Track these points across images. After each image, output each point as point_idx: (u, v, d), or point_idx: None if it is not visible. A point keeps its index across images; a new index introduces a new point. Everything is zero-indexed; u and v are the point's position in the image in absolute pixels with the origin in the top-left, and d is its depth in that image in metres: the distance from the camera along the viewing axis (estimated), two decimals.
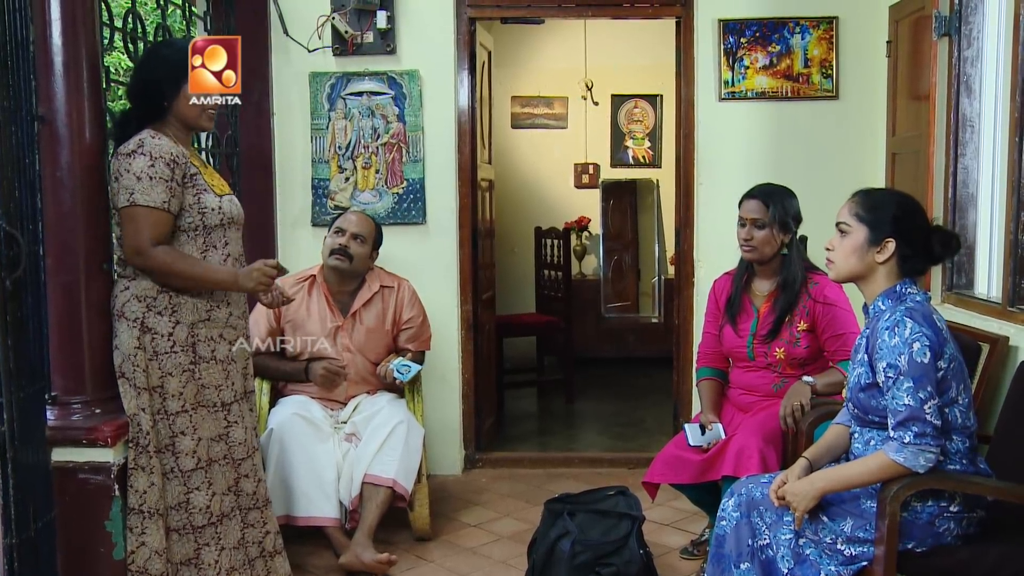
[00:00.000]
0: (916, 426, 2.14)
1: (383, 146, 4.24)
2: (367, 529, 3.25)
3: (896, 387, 2.17)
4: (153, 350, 2.51)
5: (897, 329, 2.19)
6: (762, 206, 3.07)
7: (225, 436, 2.65)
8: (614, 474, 4.25)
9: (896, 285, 2.30)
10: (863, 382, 2.30)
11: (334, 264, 3.54)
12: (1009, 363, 2.84)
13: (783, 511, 2.35)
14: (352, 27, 4.15)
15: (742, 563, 2.38)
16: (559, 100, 7.45)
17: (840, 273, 2.36)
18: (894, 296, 2.29)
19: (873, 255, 2.29)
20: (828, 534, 2.30)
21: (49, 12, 2.38)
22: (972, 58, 3.34)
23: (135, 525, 2.47)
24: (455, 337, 4.32)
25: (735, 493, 2.47)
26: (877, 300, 2.31)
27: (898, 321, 2.20)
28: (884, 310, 2.28)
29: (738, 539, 2.40)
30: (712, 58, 4.22)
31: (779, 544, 2.35)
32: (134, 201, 2.45)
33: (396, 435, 3.37)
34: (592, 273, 7.25)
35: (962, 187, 3.37)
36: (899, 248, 2.27)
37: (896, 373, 2.17)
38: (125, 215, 2.48)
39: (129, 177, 2.46)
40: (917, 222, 2.31)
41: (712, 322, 3.30)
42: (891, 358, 2.18)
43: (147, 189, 2.46)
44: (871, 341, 2.27)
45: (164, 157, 2.49)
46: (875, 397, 2.27)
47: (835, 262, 2.36)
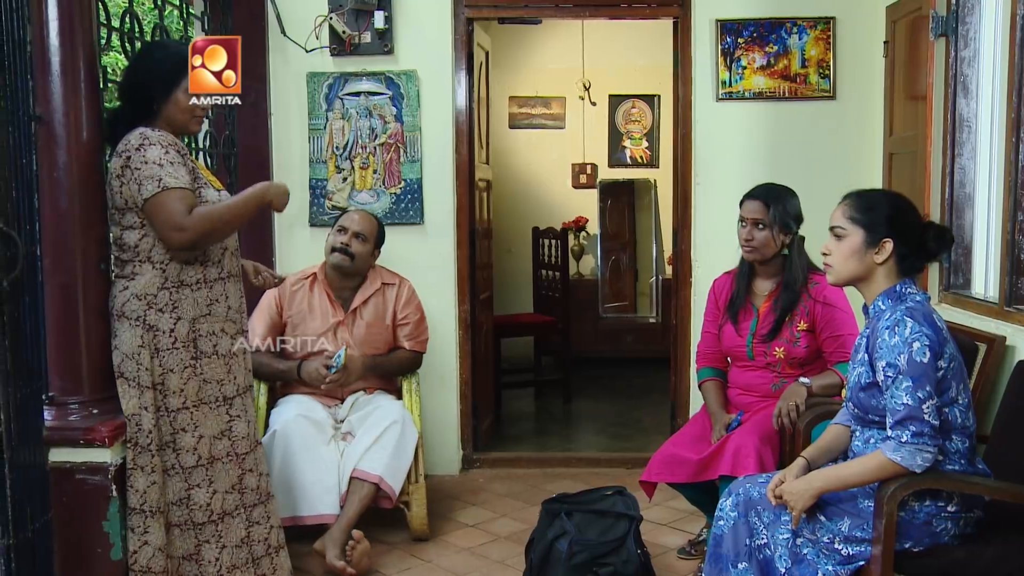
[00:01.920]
0: (914, 425, 2.14)
1: (381, 146, 4.24)
2: (344, 523, 3.24)
3: (895, 386, 2.17)
4: (155, 347, 2.51)
5: (897, 328, 2.19)
6: (763, 207, 3.07)
7: (228, 431, 2.64)
8: (611, 474, 4.25)
9: (896, 285, 2.30)
10: (863, 381, 2.31)
11: (336, 262, 3.55)
12: (1006, 363, 2.84)
13: (780, 511, 2.36)
14: (350, 27, 4.15)
15: (740, 563, 2.39)
16: (557, 100, 7.45)
17: (840, 277, 2.36)
18: (894, 296, 2.29)
19: (872, 256, 2.29)
20: (826, 534, 2.30)
21: (46, 12, 2.38)
22: (969, 58, 3.34)
23: (137, 525, 2.47)
24: (453, 337, 4.32)
25: (732, 493, 2.47)
26: (877, 300, 2.31)
27: (898, 320, 2.20)
28: (884, 310, 2.28)
29: (736, 539, 2.40)
30: (709, 58, 4.23)
31: (777, 544, 2.35)
32: (165, 185, 2.44)
33: (389, 434, 3.37)
34: (590, 273, 7.25)
35: (959, 187, 3.37)
36: (896, 247, 2.28)
37: (895, 372, 2.17)
38: (157, 202, 2.44)
39: (151, 167, 2.45)
40: (911, 219, 2.32)
41: (711, 322, 3.30)
42: (891, 357, 2.19)
43: (172, 172, 2.46)
44: (871, 340, 2.28)
45: (173, 145, 2.51)
46: (875, 396, 2.27)
47: (834, 266, 2.35)
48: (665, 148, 7.13)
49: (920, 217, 2.37)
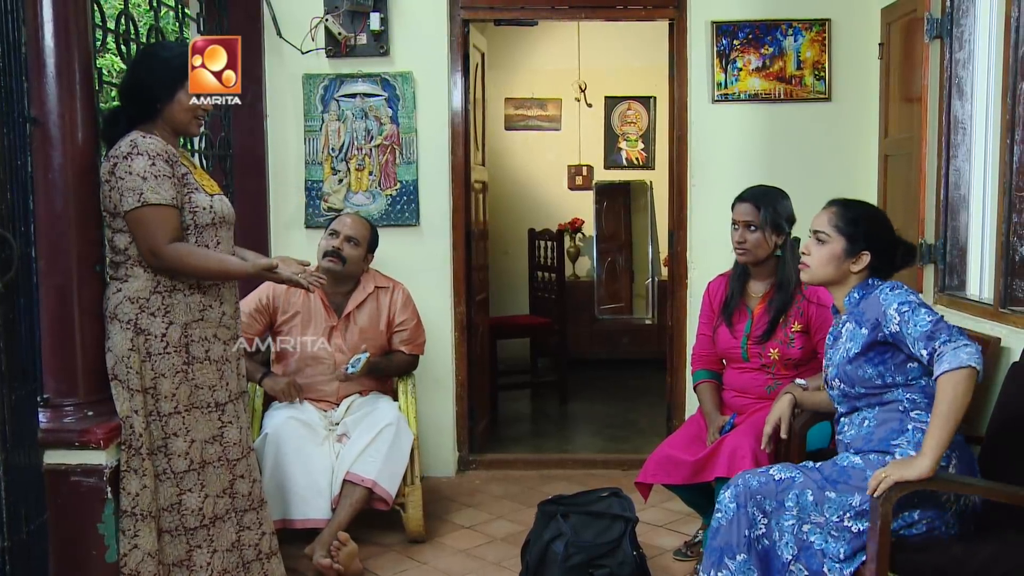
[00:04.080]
0: (945, 332, 2.25)
1: (376, 148, 4.24)
2: (335, 526, 3.23)
3: (914, 315, 2.30)
4: (147, 351, 2.50)
5: (894, 289, 2.39)
6: (753, 209, 3.07)
7: (219, 437, 2.64)
8: (608, 476, 4.25)
9: (868, 280, 2.49)
10: (850, 355, 2.42)
11: (327, 266, 3.54)
12: (1001, 364, 2.85)
13: (783, 498, 2.36)
14: (345, 29, 4.15)
15: (738, 555, 2.39)
16: (553, 102, 7.46)
17: (815, 278, 2.54)
18: (866, 287, 2.48)
19: (848, 264, 2.48)
20: (836, 511, 2.31)
21: (41, 14, 2.38)
22: (964, 60, 3.35)
23: (127, 528, 2.47)
24: (449, 339, 4.32)
25: (731, 485, 2.47)
26: (852, 292, 2.49)
27: (893, 285, 2.41)
28: (859, 297, 2.47)
29: (735, 530, 2.40)
30: (705, 60, 4.23)
31: (782, 531, 2.35)
32: (145, 201, 2.43)
33: (383, 437, 3.37)
34: (585, 275, 7.26)
35: (954, 189, 3.38)
36: (871, 259, 2.46)
37: (911, 307, 2.32)
38: (135, 217, 2.45)
39: (133, 178, 2.44)
40: (889, 236, 2.51)
41: (706, 324, 3.30)
42: (902, 299, 2.34)
43: (155, 187, 2.45)
44: (866, 315, 2.39)
45: (161, 155, 2.48)
46: (861, 367, 2.39)
47: (811, 267, 2.53)
48: (661, 150, 7.13)
49: (894, 233, 2.54)
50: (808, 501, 2.33)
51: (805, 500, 2.34)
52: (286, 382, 3.52)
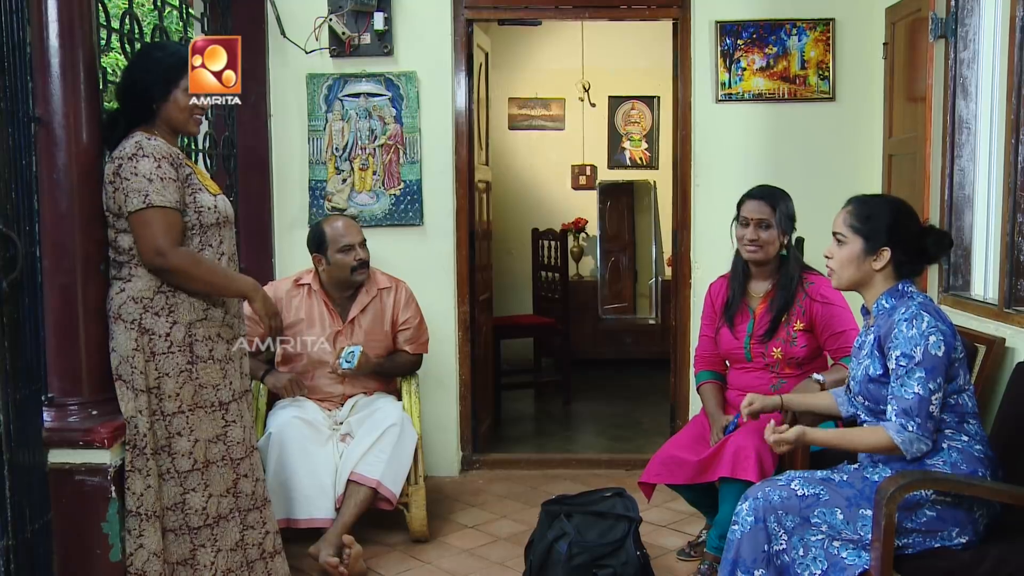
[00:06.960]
0: (920, 417, 2.23)
1: (380, 147, 4.24)
2: (340, 526, 3.24)
3: (907, 376, 2.25)
4: (151, 351, 2.50)
5: (915, 321, 2.27)
6: (767, 207, 3.08)
7: (223, 436, 2.64)
8: (611, 475, 4.25)
9: (897, 284, 2.39)
10: (872, 374, 2.37)
11: (362, 279, 3.60)
12: (1005, 364, 2.84)
13: (807, 515, 2.33)
14: (349, 28, 4.15)
15: (756, 570, 2.35)
16: (556, 102, 7.45)
17: (841, 281, 2.46)
18: (897, 294, 2.38)
19: (870, 263, 2.39)
20: (870, 529, 2.26)
21: (46, 13, 2.38)
22: (968, 60, 3.34)
23: (133, 527, 2.47)
24: (452, 339, 4.32)
25: (750, 497, 2.41)
26: (880, 299, 2.39)
27: (915, 314, 2.29)
28: (890, 307, 2.36)
29: (753, 545, 2.36)
30: (709, 60, 4.23)
31: (807, 546, 2.30)
32: (150, 203, 2.44)
33: (387, 437, 3.37)
34: (589, 275, 7.25)
35: (958, 189, 3.37)
36: (894, 255, 2.36)
37: (909, 363, 2.25)
38: (140, 218, 2.45)
39: (139, 180, 2.44)
40: (911, 228, 2.39)
41: (709, 325, 3.30)
42: (906, 348, 2.26)
43: (160, 189, 2.45)
44: (883, 333, 2.33)
45: (167, 157, 2.49)
46: (885, 387, 2.33)
47: (835, 271, 2.46)
48: (665, 149, 7.13)
49: (920, 223, 2.43)
50: (838, 520, 2.31)
51: (834, 519, 2.31)
52: (288, 378, 3.53)
